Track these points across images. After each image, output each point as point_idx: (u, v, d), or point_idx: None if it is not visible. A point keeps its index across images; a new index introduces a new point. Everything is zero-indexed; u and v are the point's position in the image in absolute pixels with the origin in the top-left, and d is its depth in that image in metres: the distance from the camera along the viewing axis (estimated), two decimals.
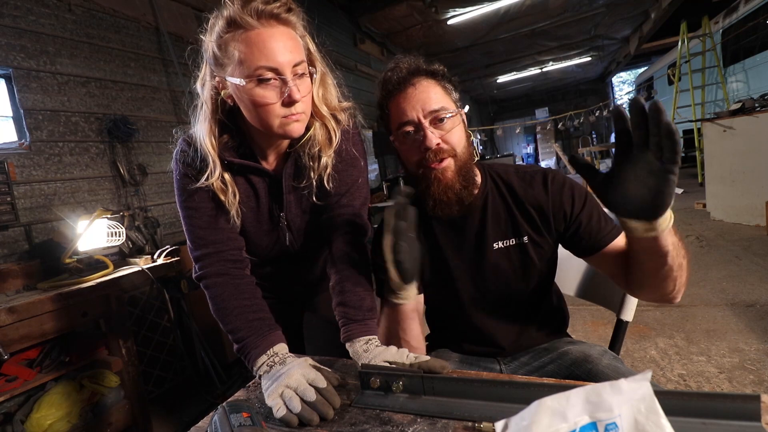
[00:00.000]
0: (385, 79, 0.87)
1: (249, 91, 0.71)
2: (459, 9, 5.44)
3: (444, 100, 0.84)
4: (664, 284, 0.74)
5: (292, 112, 0.72)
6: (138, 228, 2.20)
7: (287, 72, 0.70)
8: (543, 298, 0.97)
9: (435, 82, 0.85)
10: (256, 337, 0.76)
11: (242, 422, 0.53)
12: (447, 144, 0.83)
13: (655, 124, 0.53)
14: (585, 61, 9.59)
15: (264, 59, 0.69)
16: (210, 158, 0.77)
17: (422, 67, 0.86)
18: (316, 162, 0.83)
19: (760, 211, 3.43)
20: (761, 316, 2.05)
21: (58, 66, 2.10)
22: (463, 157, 0.85)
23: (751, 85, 5.35)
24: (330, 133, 0.83)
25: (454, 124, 0.84)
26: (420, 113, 0.82)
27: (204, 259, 0.82)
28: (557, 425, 0.42)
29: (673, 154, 0.54)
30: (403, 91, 0.85)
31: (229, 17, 0.70)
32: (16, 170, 1.87)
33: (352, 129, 0.89)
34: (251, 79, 0.70)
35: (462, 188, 0.85)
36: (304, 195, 0.89)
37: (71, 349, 1.62)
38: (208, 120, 0.78)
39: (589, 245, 0.85)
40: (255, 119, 0.75)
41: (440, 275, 0.93)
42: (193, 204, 0.82)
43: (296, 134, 0.76)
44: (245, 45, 0.69)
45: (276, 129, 0.74)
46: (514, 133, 12.71)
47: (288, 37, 0.72)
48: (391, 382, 0.63)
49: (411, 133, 0.84)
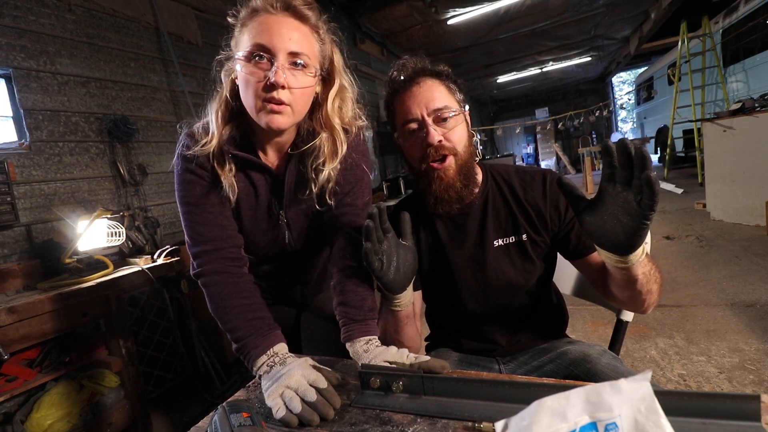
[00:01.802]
0: (392, 78, 0.90)
1: (242, 66, 0.74)
2: (459, 9, 5.44)
3: (447, 99, 0.86)
4: (632, 302, 0.80)
5: (273, 97, 0.72)
6: (138, 228, 2.20)
7: (280, 56, 0.72)
8: (542, 297, 0.97)
9: (439, 82, 0.88)
10: (255, 336, 0.76)
11: (242, 422, 0.53)
12: (449, 142, 0.85)
13: (638, 174, 0.56)
14: (585, 61, 9.58)
15: (261, 37, 0.72)
16: (212, 128, 0.79)
17: (428, 67, 0.89)
18: (317, 175, 0.83)
19: (760, 211, 3.42)
20: (761, 316, 2.05)
21: (58, 66, 2.10)
22: (464, 155, 0.87)
23: (751, 85, 5.35)
24: (337, 146, 0.84)
25: (456, 123, 0.86)
26: (424, 111, 0.84)
27: (202, 256, 0.82)
28: (557, 425, 0.42)
29: (651, 202, 0.56)
30: (408, 89, 0.87)
31: (254, 5, 0.74)
32: (16, 170, 1.87)
33: (355, 132, 0.90)
34: (246, 54, 0.73)
35: (462, 187, 0.87)
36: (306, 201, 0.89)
37: (71, 349, 1.62)
38: (221, 100, 0.81)
39: (575, 249, 0.87)
40: (244, 98, 0.77)
41: (441, 272, 0.94)
42: (193, 200, 0.82)
43: (275, 126, 0.75)
44: (255, 25, 0.73)
45: (257, 113, 0.75)
46: (514, 133, 12.70)
47: (295, 28, 0.74)
48: (391, 382, 0.63)
49: (415, 131, 0.87)
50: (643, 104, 9.76)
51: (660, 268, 0.77)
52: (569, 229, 0.87)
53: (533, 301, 0.96)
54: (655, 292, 0.76)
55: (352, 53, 5.65)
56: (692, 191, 5.49)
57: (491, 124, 13.19)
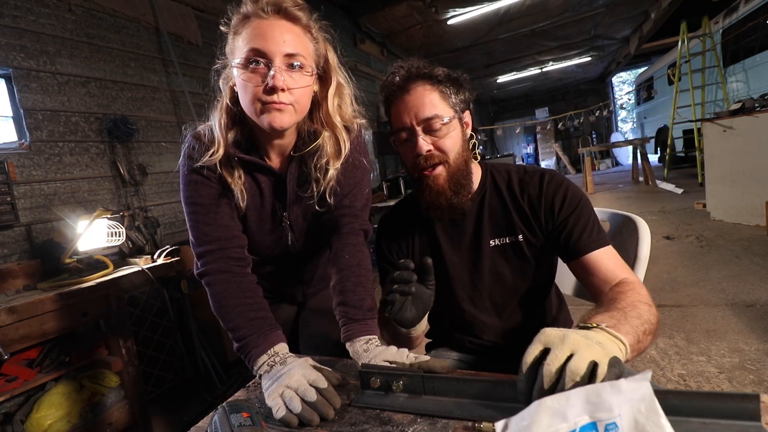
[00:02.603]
0: (385, 85, 0.89)
1: (240, 73, 0.74)
2: (459, 9, 5.44)
3: (439, 106, 0.84)
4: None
5: (273, 100, 0.73)
6: (138, 228, 2.20)
7: (276, 59, 0.72)
8: (542, 298, 0.97)
9: (432, 88, 0.85)
10: (256, 336, 0.76)
11: (242, 422, 0.53)
12: (439, 151, 0.85)
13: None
14: (585, 61, 9.58)
15: (256, 42, 0.72)
16: (217, 137, 0.79)
17: (421, 71, 0.86)
18: (322, 175, 0.83)
19: (760, 211, 3.42)
20: (761, 316, 2.05)
21: (58, 66, 2.10)
22: (457, 162, 0.86)
23: (751, 85, 5.34)
24: (340, 144, 0.84)
25: (448, 131, 0.85)
26: (413, 120, 0.84)
27: (206, 256, 0.82)
28: (557, 425, 0.42)
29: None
30: (399, 97, 0.86)
31: (245, 11, 0.74)
32: (16, 170, 1.87)
33: (356, 131, 0.90)
34: (242, 61, 0.73)
35: (453, 194, 0.86)
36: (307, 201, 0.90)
37: (71, 349, 1.62)
38: (222, 109, 0.81)
39: (567, 250, 0.85)
40: (243, 104, 0.77)
41: (439, 272, 0.94)
42: (198, 200, 0.82)
43: (277, 125, 0.75)
44: (249, 31, 0.73)
45: (257, 115, 0.75)
46: (514, 133, 12.70)
47: (288, 30, 0.74)
48: (391, 382, 0.63)
49: (406, 139, 0.87)
50: (643, 104, 9.76)
51: (652, 306, 0.67)
52: (561, 228, 0.86)
53: (532, 302, 0.95)
54: (652, 338, 0.65)
55: (353, 53, 5.67)
56: (692, 191, 5.48)
57: (491, 124, 13.19)
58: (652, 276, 2.79)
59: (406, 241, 0.98)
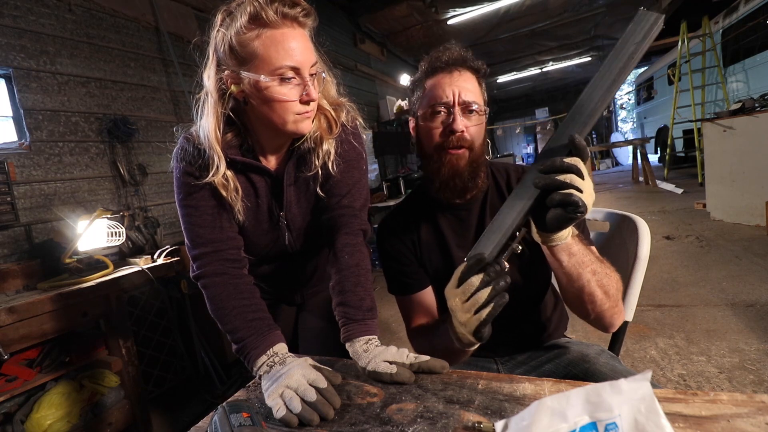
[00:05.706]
0: (435, 57, 0.91)
1: (270, 88, 0.73)
2: (459, 9, 5.44)
3: (478, 95, 0.89)
4: (579, 305, 0.78)
5: (306, 110, 0.76)
6: (138, 228, 2.20)
7: (306, 72, 0.74)
8: (541, 297, 0.97)
9: (476, 78, 0.90)
10: (255, 337, 0.76)
11: (242, 422, 0.53)
12: (469, 135, 0.87)
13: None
14: (585, 61, 9.57)
15: (288, 59, 0.71)
16: (215, 154, 0.78)
17: (472, 62, 0.90)
18: (319, 147, 0.85)
19: (760, 211, 3.42)
20: (761, 316, 2.05)
21: (58, 66, 2.10)
22: (478, 152, 0.89)
23: (751, 85, 5.34)
24: (330, 120, 0.86)
25: (480, 120, 0.89)
26: (457, 98, 0.86)
27: (202, 258, 0.82)
28: (557, 425, 0.42)
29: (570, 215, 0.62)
30: (448, 72, 0.88)
31: (253, 13, 0.70)
32: (16, 170, 1.87)
33: (353, 128, 0.90)
34: (274, 76, 0.72)
35: (469, 178, 0.88)
36: (305, 194, 0.89)
37: (71, 349, 1.62)
38: (214, 114, 0.78)
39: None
40: (271, 116, 0.76)
41: (445, 265, 0.94)
42: (192, 202, 0.82)
43: (307, 131, 0.79)
44: (271, 42, 0.71)
45: (289, 125, 0.76)
46: (514, 133, 12.72)
47: (305, 39, 0.75)
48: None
49: (440, 114, 0.87)
50: (643, 104, 9.76)
51: (616, 279, 0.76)
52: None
53: (531, 301, 0.96)
54: (600, 298, 0.73)
55: (352, 53, 5.67)
56: (692, 191, 5.48)
57: (491, 124, 13.17)
58: (652, 276, 2.79)
59: (411, 238, 0.98)
